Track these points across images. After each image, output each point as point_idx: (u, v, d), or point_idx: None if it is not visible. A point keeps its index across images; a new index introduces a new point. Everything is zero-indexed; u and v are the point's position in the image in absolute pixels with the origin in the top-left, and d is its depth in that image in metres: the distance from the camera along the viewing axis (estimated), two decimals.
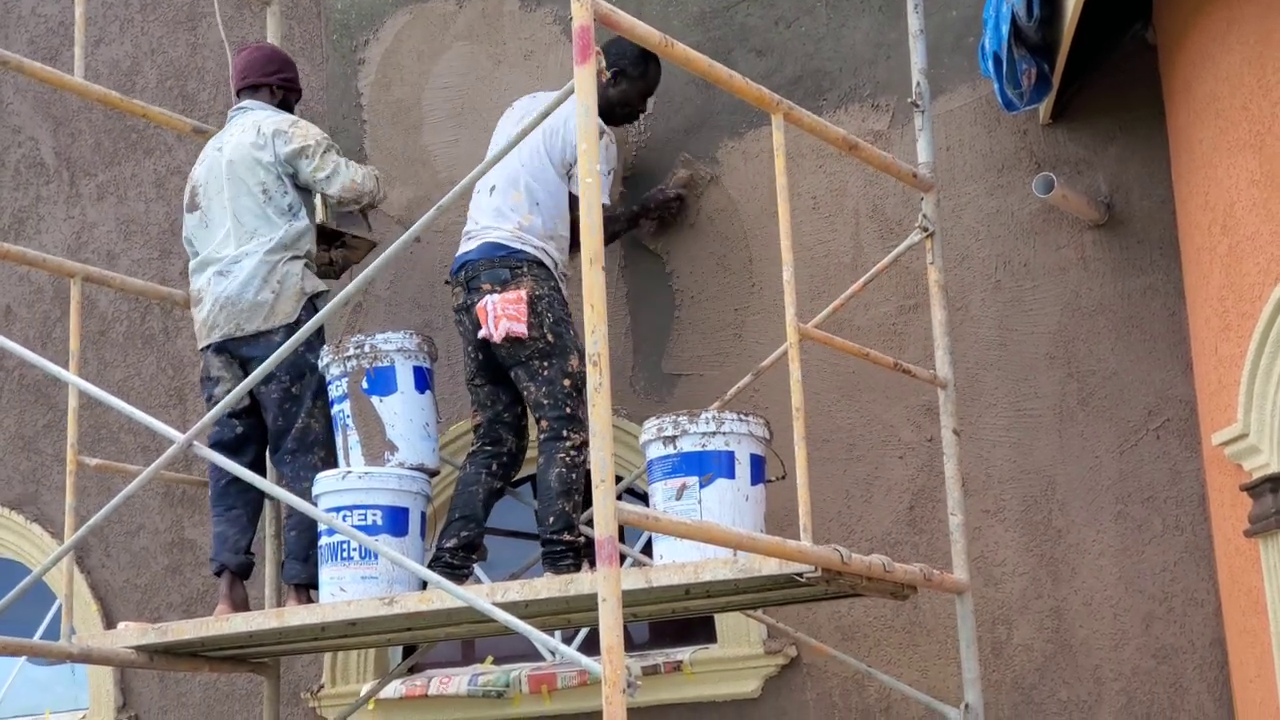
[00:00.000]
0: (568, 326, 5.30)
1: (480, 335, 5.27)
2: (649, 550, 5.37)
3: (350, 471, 5.29)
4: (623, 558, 5.31)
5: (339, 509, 5.19)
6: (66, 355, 5.57)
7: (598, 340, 3.74)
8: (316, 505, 5.18)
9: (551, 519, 5.15)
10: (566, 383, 5.22)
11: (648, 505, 5.02)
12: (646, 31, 4.17)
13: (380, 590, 5.11)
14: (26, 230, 7.34)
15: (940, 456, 5.20)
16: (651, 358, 6.04)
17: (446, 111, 6.52)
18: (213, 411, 4.91)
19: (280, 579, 5.82)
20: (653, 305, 6.07)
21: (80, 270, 5.78)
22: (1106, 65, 5.47)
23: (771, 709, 5.71)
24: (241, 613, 5.41)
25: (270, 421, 5.55)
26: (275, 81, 5.86)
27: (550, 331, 5.23)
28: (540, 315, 5.23)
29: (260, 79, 5.84)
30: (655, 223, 6.03)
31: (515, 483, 5.70)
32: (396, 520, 5.21)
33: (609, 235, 5.14)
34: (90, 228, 7.22)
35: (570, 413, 5.21)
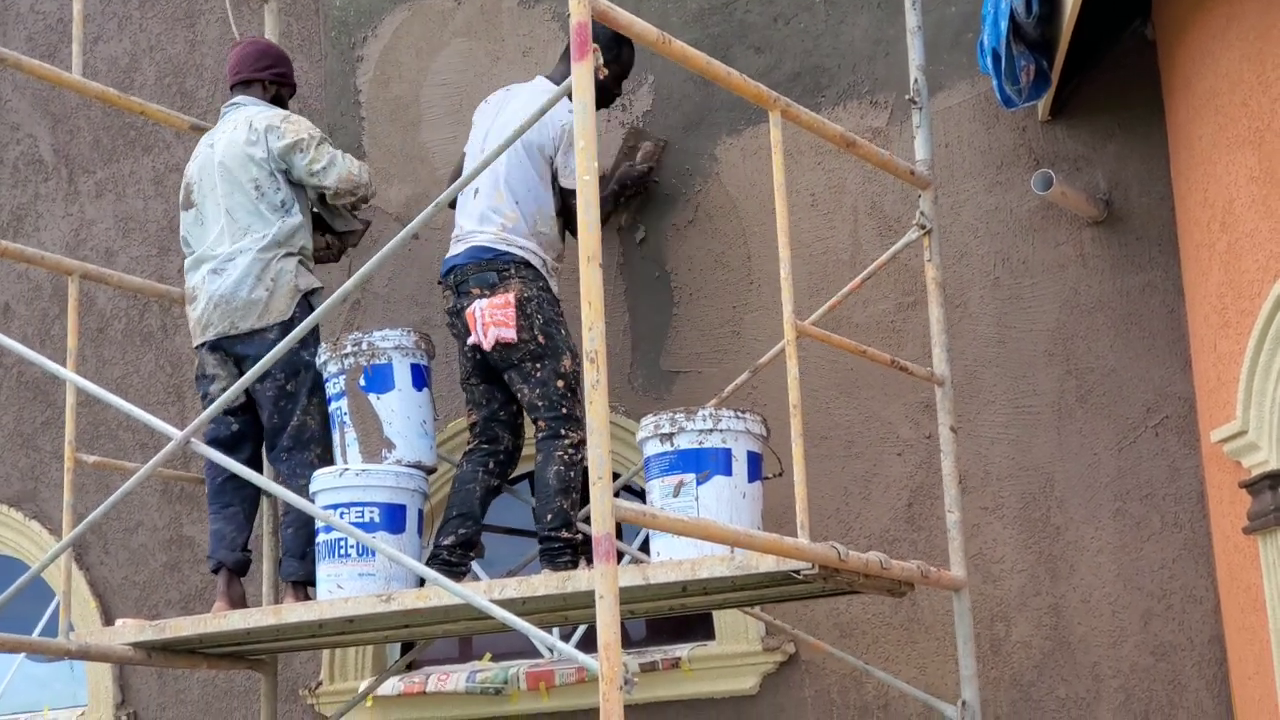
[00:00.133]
0: (559, 326, 5.29)
1: (470, 342, 5.26)
2: (646, 548, 5.37)
3: (348, 469, 5.29)
4: (620, 555, 5.33)
5: (336, 506, 5.19)
6: (65, 352, 5.57)
7: (595, 337, 3.74)
8: (314, 502, 5.18)
9: (549, 516, 5.15)
10: (560, 384, 5.22)
11: (645, 502, 5.02)
12: (644, 28, 4.16)
13: (378, 587, 5.11)
14: (25, 227, 7.34)
15: (939, 454, 5.19)
16: (650, 355, 6.04)
17: (445, 108, 6.52)
18: (211, 408, 4.90)
19: (278, 576, 5.82)
20: (651, 302, 6.06)
21: (78, 267, 5.78)
22: (1106, 62, 5.46)
23: (769, 706, 5.70)
24: (239, 610, 5.41)
25: (266, 419, 5.54)
26: (268, 77, 5.85)
27: (541, 333, 5.22)
28: (530, 317, 5.21)
29: (252, 74, 5.83)
30: (635, 199, 6.01)
31: (512, 480, 5.69)
32: (394, 517, 5.21)
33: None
34: (89, 225, 7.21)
35: (566, 412, 5.21)
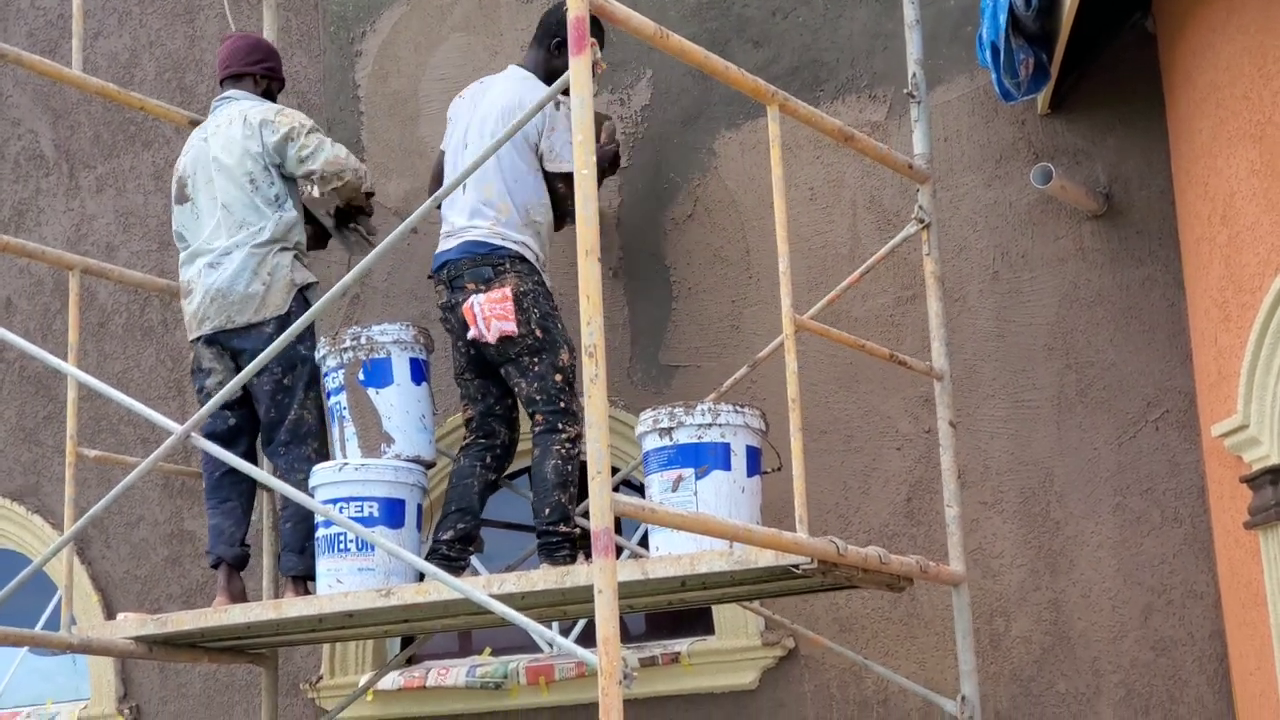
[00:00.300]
0: (555, 320, 5.29)
1: (470, 336, 5.25)
2: (645, 542, 5.37)
3: (347, 463, 5.29)
4: (619, 549, 5.33)
5: (336, 501, 5.19)
6: (66, 347, 5.58)
7: (594, 331, 3.73)
8: (313, 497, 5.18)
9: (547, 511, 5.14)
10: (558, 378, 5.21)
11: (644, 497, 5.01)
12: (642, 22, 4.15)
13: (377, 582, 5.11)
14: (26, 222, 7.35)
15: (938, 448, 5.18)
16: (649, 349, 6.03)
17: (443, 103, 6.46)
18: (212, 401, 4.91)
19: (278, 570, 5.82)
20: (650, 297, 6.06)
21: (79, 262, 5.78)
22: (1105, 55, 5.45)
23: (769, 700, 5.70)
24: (240, 604, 5.41)
25: (263, 413, 5.54)
26: (259, 71, 5.85)
27: (538, 327, 5.22)
28: (527, 311, 5.21)
29: (244, 68, 5.83)
30: (610, 176, 6.00)
31: (511, 475, 5.69)
32: (393, 512, 5.21)
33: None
34: (89, 220, 7.22)
35: (564, 406, 5.20)
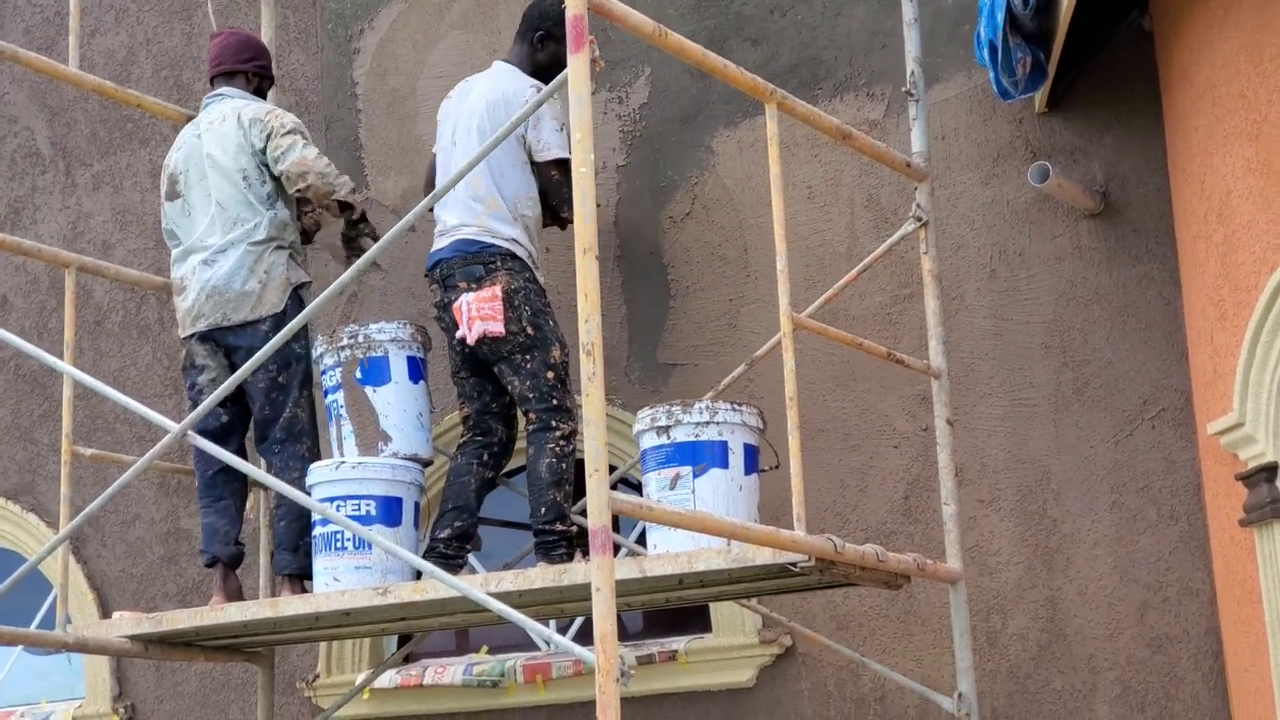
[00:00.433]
0: (547, 318, 5.28)
1: (458, 336, 5.25)
2: (643, 540, 5.37)
3: (344, 461, 5.29)
4: (616, 547, 5.33)
5: (333, 499, 5.19)
6: (62, 345, 5.57)
7: (591, 329, 3.73)
8: (310, 495, 5.18)
9: (543, 509, 5.14)
10: (550, 375, 5.21)
11: (642, 495, 5.01)
12: (640, 20, 4.14)
13: (374, 580, 5.11)
14: (22, 220, 7.34)
15: (935, 446, 5.18)
16: (646, 347, 6.03)
17: (441, 101, 6.50)
18: (207, 400, 4.90)
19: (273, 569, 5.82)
20: (648, 295, 6.06)
21: (75, 260, 5.77)
22: (1103, 53, 5.45)
23: (766, 698, 5.70)
24: (236, 602, 5.40)
25: (257, 411, 5.53)
26: (250, 69, 5.83)
27: (530, 324, 5.21)
28: (518, 309, 5.20)
29: (235, 65, 5.81)
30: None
31: (509, 473, 5.69)
32: (390, 510, 5.21)
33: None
34: (86, 218, 7.21)
35: (557, 404, 5.20)
